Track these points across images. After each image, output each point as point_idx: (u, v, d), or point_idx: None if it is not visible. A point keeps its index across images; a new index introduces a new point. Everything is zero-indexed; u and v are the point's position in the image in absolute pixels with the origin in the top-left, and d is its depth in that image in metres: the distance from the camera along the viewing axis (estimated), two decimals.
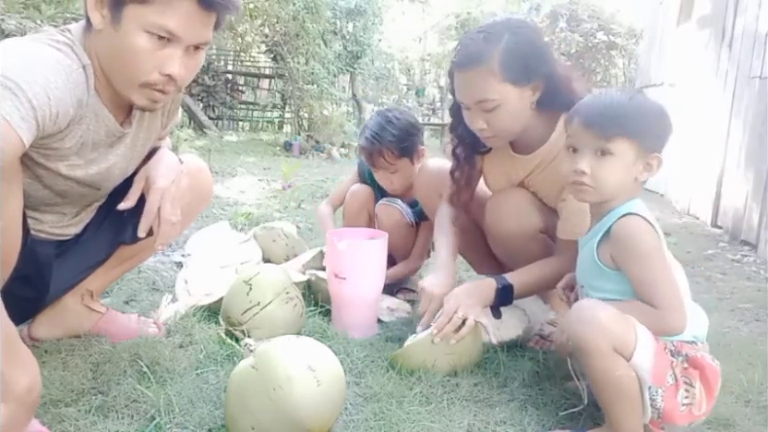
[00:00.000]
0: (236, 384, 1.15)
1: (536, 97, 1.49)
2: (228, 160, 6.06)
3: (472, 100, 1.47)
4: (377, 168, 2.08)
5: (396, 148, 2.01)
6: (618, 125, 1.17)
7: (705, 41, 4.55)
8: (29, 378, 0.95)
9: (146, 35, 1.11)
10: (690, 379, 1.13)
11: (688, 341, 1.16)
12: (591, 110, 1.21)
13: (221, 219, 3.12)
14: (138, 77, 1.15)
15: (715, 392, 1.16)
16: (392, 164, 2.03)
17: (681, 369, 1.14)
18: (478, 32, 1.47)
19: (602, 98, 1.23)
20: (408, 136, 2.04)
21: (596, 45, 9.96)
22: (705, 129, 4.33)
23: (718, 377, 1.16)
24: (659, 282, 1.13)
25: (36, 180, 1.20)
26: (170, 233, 1.32)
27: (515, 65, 1.41)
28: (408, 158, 2.05)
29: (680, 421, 1.14)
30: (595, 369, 1.12)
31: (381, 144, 2.00)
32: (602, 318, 1.10)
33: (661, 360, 1.12)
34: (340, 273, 1.73)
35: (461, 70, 1.47)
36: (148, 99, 1.19)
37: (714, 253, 3.28)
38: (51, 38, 1.12)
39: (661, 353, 1.13)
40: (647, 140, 1.17)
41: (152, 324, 1.62)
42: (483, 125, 1.48)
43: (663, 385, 1.12)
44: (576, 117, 1.21)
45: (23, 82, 0.96)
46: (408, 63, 14.03)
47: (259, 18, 8.13)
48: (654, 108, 1.21)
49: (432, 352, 1.47)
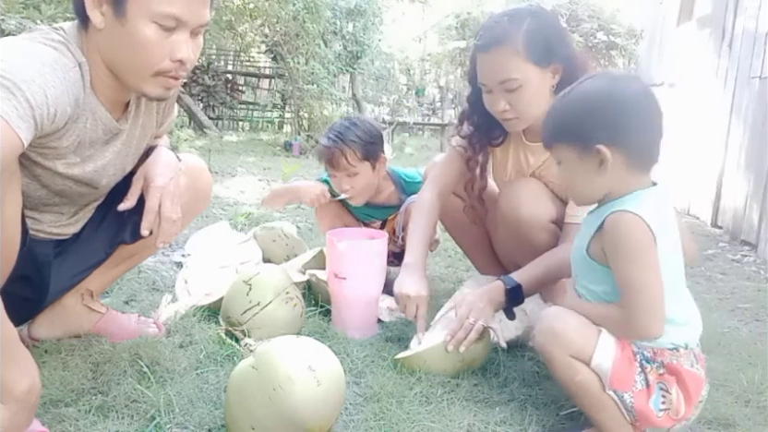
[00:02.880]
0: (236, 384, 1.15)
1: (556, 80, 1.52)
2: (228, 160, 6.05)
3: (495, 80, 1.49)
4: (336, 171, 2.03)
5: (359, 149, 1.99)
6: (550, 132, 1.17)
7: (705, 41, 4.55)
8: (29, 379, 0.96)
9: (154, 25, 1.12)
10: (667, 385, 1.12)
11: (668, 348, 1.13)
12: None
13: (221, 219, 3.12)
14: (151, 67, 1.16)
15: (696, 398, 1.13)
16: (354, 166, 2.00)
17: (656, 375, 1.12)
18: (502, 16, 1.52)
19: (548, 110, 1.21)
20: (371, 138, 2.03)
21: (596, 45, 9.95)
22: (705, 129, 4.33)
23: (700, 382, 1.14)
24: (638, 285, 1.08)
25: (34, 180, 1.20)
26: (171, 230, 1.32)
27: (538, 45, 1.46)
28: (369, 162, 2.03)
29: (660, 424, 1.13)
30: (559, 377, 1.17)
31: (345, 143, 1.99)
32: (557, 329, 1.14)
33: (624, 365, 1.11)
34: (340, 273, 1.73)
35: (485, 51, 1.50)
36: (162, 87, 1.20)
37: (714, 253, 3.28)
38: (46, 36, 1.12)
39: (626, 359, 1.12)
40: (584, 135, 1.10)
41: (152, 324, 1.62)
42: (505, 106, 1.51)
43: (628, 389, 1.11)
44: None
45: (20, 81, 0.96)
46: (408, 63, 14.01)
47: (259, 18, 8.12)
48: (586, 101, 1.13)
49: (446, 358, 1.46)
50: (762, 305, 2.32)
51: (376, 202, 2.17)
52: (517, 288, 1.52)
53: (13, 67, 0.97)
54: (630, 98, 1.10)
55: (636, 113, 1.09)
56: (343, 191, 2.06)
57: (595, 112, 1.10)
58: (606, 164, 1.09)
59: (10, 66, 0.97)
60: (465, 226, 1.96)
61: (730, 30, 4.11)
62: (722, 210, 3.94)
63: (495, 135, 1.69)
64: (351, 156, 1.99)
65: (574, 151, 1.13)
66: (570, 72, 1.51)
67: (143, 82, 1.19)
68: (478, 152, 1.74)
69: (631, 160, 1.10)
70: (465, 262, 2.31)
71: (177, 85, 1.24)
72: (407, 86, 13.33)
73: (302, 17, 7.58)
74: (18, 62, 0.99)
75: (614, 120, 1.09)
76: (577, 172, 1.14)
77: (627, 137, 1.09)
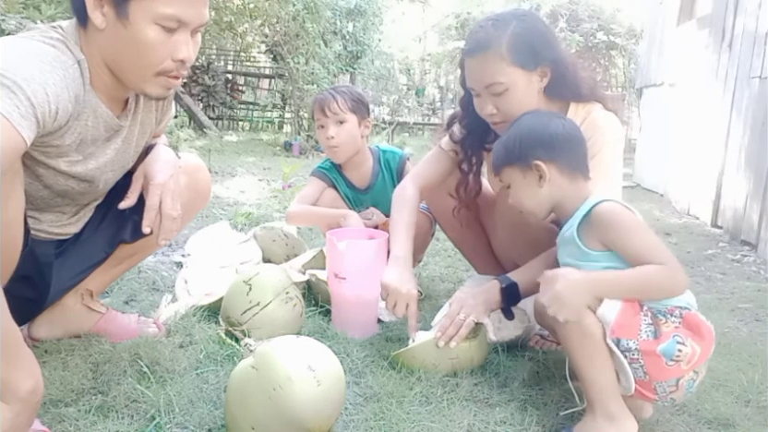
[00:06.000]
0: (236, 384, 1.15)
1: (544, 83, 1.53)
2: (228, 160, 6.05)
3: (482, 84, 1.51)
4: (326, 116, 2.17)
5: (349, 99, 2.19)
6: (496, 160, 1.39)
7: (705, 41, 4.55)
8: (32, 379, 0.96)
9: (156, 27, 1.13)
10: (683, 338, 1.14)
11: (683, 306, 1.18)
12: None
13: (221, 219, 3.13)
14: (153, 67, 1.17)
15: (709, 352, 1.17)
16: (343, 112, 2.16)
17: (672, 328, 1.15)
18: (487, 20, 1.53)
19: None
20: (360, 98, 2.23)
21: (596, 45, 9.97)
22: (705, 129, 4.33)
23: (712, 336, 1.17)
24: (654, 248, 1.17)
25: (36, 180, 1.20)
26: (171, 227, 1.32)
27: (523, 48, 1.46)
28: (356, 116, 2.19)
29: (669, 374, 1.14)
30: (566, 321, 1.17)
31: (337, 93, 2.20)
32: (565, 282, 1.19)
33: (628, 314, 1.15)
34: (340, 273, 1.73)
35: (471, 56, 1.52)
36: (163, 87, 1.22)
37: (713, 253, 3.28)
38: (44, 35, 1.12)
39: (630, 308, 1.16)
40: (523, 156, 1.32)
41: (152, 324, 1.62)
42: (492, 110, 1.52)
43: (633, 337, 1.14)
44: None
45: (21, 80, 0.96)
46: (408, 63, 14.01)
47: (259, 18, 8.11)
48: (522, 131, 1.35)
49: (436, 354, 1.47)
50: (761, 305, 2.32)
51: (358, 182, 2.27)
52: (512, 286, 1.52)
53: (12, 66, 0.97)
54: (556, 125, 1.34)
55: (562, 135, 1.32)
56: (329, 139, 2.17)
57: (530, 136, 1.33)
58: (545, 176, 1.30)
59: (9, 64, 0.97)
60: (462, 226, 1.97)
61: (730, 30, 4.11)
62: (722, 210, 3.94)
63: (488, 139, 1.69)
64: (341, 102, 2.17)
65: (517, 171, 1.34)
66: (559, 74, 1.52)
67: (145, 82, 1.20)
68: (471, 156, 1.75)
69: (564, 169, 1.30)
70: (465, 262, 2.31)
71: (178, 84, 1.25)
72: (407, 86, 13.32)
73: (302, 17, 7.58)
74: (17, 60, 0.99)
75: (545, 140, 1.31)
76: (523, 189, 1.34)
77: (557, 152, 1.30)
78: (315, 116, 2.24)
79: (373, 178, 2.26)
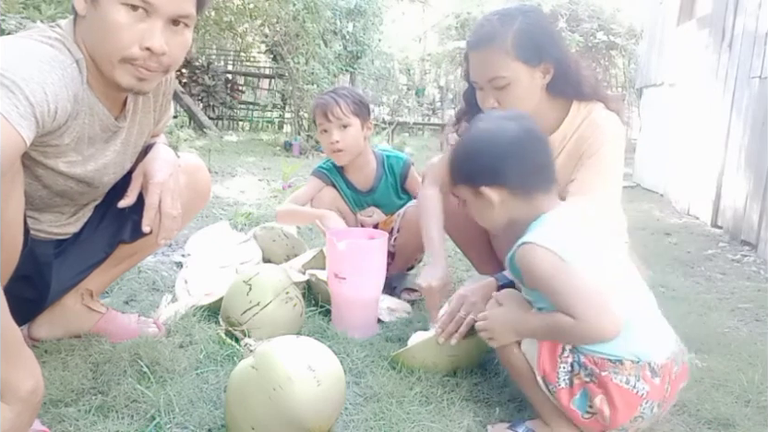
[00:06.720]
0: (236, 384, 1.15)
1: (547, 80, 1.53)
2: (228, 160, 6.05)
3: (485, 78, 1.52)
4: (330, 121, 2.14)
5: (351, 102, 2.16)
6: (452, 176, 1.32)
7: (705, 41, 4.55)
8: (33, 379, 0.96)
9: (123, 8, 1.10)
10: (591, 394, 1.11)
11: (609, 359, 1.10)
12: None
13: (221, 219, 3.12)
14: (118, 51, 1.13)
15: (629, 414, 1.10)
16: (346, 116, 2.13)
17: (581, 381, 1.12)
18: (493, 14, 1.54)
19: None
20: (361, 100, 2.21)
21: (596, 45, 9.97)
22: (705, 129, 4.33)
23: (634, 400, 1.10)
24: (569, 297, 1.11)
25: (36, 180, 1.20)
26: (171, 226, 1.31)
27: (527, 44, 1.47)
28: (359, 119, 2.16)
29: (589, 426, 1.14)
30: (501, 357, 1.24)
31: (338, 96, 2.16)
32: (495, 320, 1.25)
33: (548, 356, 1.15)
34: (340, 273, 1.73)
35: (476, 49, 1.53)
36: (132, 76, 1.17)
37: (713, 253, 3.28)
38: (42, 34, 1.12)
39: (550, 352, 1.15)
40: (471, 180, 1.26)
41: (152, 324, 1.62)
42: (494, 103, 1.53)
43: (553, 382, 1.15)
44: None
45: (20, 79, 0.96)
46: (408, 63, 13.99)
47: (259, 18, 8.11)
48: (470, 146, 1.28)
49: (435, 353, 1.47)
50: (761, 305, 2.32)
51: (360, 184, 2.25)
52: (509, 285, 1.52)
53: (11, 66, 0.97)
54: (506, 140, 1.23)
55: (511, 153, 1.22)
56: (333, 143, 2.14)
57: (477, 161, 1.25)
58: (493, 202, 1.23)
59: (8, 64, 0.97)
60: (463, 225, 1.96)
61: (730, 30, 4.11)
62: (722, 210, 3.94)
63: None
64: (344, 106, 2.14)
65: (469, 192, 1.28)
66: (562, 72, 1.53)
67: (113, 69, 1.16)
68: None
69: (517, 191, 1.22)
70: (465, 262, 2.31)
71: (150, 77, 1.19)
72: (407, 86, 13.31)
73: (302, 17, 7.57)
74: (15, 60, 0.99)
75: (492, 164, 1.22)
76: (477, 208, 1.29)
77: (506, 175, 1.22)
78: (317, 121, 2.21)
79: (376, 181, 2.26)
